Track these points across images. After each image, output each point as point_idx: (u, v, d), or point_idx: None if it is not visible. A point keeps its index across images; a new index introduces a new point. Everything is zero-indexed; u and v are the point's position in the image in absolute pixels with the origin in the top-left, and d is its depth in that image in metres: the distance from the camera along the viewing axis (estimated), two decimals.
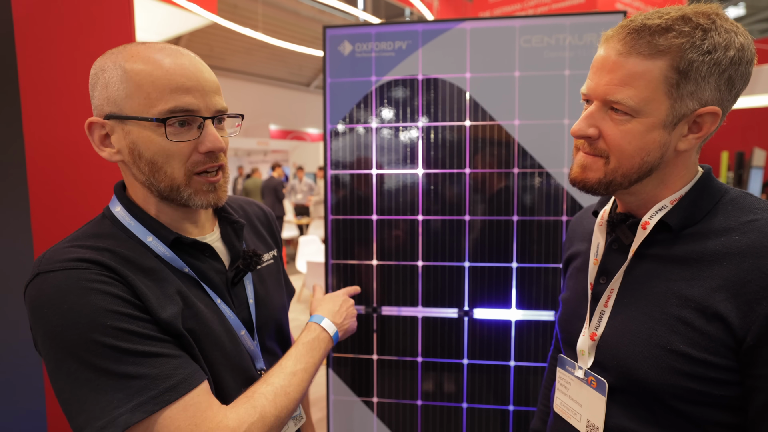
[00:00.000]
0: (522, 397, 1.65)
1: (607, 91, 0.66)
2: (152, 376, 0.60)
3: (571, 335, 0.81)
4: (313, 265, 4.12)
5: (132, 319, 0.62)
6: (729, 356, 0.62)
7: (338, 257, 1.70)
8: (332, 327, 0.89)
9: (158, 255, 0.70)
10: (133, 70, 0.65)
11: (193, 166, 0.69)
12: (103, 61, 0.67)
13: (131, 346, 0.60)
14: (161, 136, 0.65)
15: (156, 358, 0.62)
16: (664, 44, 0.62)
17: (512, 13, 5.16)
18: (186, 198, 0.70)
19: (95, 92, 0.68)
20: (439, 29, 1.60)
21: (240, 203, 0.94)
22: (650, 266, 0.70)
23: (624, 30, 0.65)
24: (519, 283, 1.62)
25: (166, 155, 0.66)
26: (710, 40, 0.62)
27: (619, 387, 0.71)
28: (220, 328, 0.73)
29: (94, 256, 0.63)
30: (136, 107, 0.65)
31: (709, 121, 0.66)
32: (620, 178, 0.69)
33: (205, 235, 0.79)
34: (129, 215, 0.71)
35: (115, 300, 0.61)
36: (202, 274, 0.74)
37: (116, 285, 0.63)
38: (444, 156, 1.63)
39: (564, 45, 1.54)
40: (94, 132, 0.68)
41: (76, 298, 0.59)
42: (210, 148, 0.68)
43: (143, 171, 0.68)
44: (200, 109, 0.67)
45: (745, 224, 0.65)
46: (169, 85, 0.65)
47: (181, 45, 9.17)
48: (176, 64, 0.67)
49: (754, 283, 0.60)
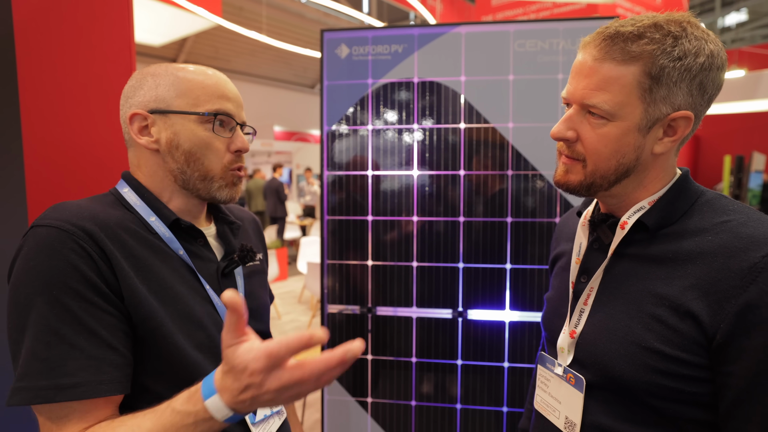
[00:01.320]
0: (516, 399, 1.66)
1: (584, 95, 0.69)
2: (54, 365, 0.61)
3: (553, 333, 0.83)
4: (314, 265, 4.14)
5: (78, 299, 0.64)
6: (701, 353, 0.63)
7: (334, 257, 1.72)
8: (223, 410, 0.56)
9: (158, 235, 0.75)
10: (185, 77, 0.77)
11: (228, 163, 0.80)
12: (153, 68, 0.79)
13: (58, 325, 0.62)
14: (206, 130, 0.77)
15: (72, 349, 0.62)
16: (636, 50, 0.65)
17: (515, 16, 5.17)
18: (215, 189, 0.79)
19: (140, 91, 0.77)
20: (435, 33, 1.62)
21: (232, 210, 0.99)
22: (628, 265, 0.72)
23: (600, 36, 0.68)
24: (513, 284, 1.63)
25: (205, 147, 0.77)
26: (681, 47, 0.64)
27: (597, 384, 0.72)
28: (203, 310, 0.76)
29: (83, 222, 0.67)
30: (185, 105, 0.76)
31: (682, 125, 0.68)
32: (599, 180, 0.72)
33: (202, 229, 0.85)
34: (136, 195, 0.78)
35: (75, 273, 0.64)
36: (195, 259, 0.79)
37: (88, 258, 0.65)
38: (439, 158, 1.65)
39: (557, 49, 1.56)
40: (134, 122, 0.77)
41: (44, 258, 0.64)
42: (239, 147, 0.80)
43: (177, 160, 0.77)
44: (235, 115, 0.80)
45: (718, 225, 0.66)
46: (215, 92, 0.78)
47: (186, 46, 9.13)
48: (220, 79, 0.80)
49: (724, 282, 0.62)
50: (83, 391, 0.62)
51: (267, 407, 0.71)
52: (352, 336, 1.72)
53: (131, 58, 1.26)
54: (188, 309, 0.74)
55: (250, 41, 9.49)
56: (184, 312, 0.73)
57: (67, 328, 0.62)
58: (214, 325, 0.77)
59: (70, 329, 0.63)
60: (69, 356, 0.62)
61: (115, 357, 0.65)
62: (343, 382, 1.75)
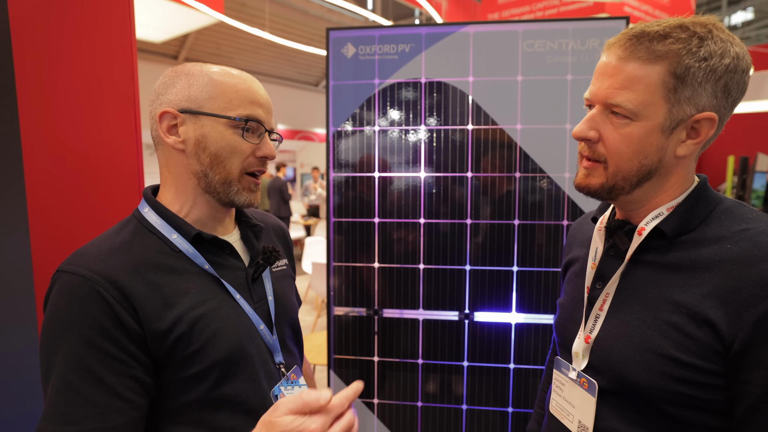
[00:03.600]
0: (521, 399, 1.65)
1: (608, 94, 0.68)
2: (60, 411, 0.64)
3: (567, 339, 0.83)
4: (319, 266, 4.13)
5: (88, 346, 0.65)
6: (717, 361, 0.63)
7: (340, 259, 1.71)
8: None
9: (182, 252, 0.76)
10: (220, 80, 0.77)
11: (248, 166, 0.79)
12: (188, 68, 0.79)
13: (67, 372, 0.65)
14: (234, 134, 0.77)
15: (77, 396, 0.64)
16: (661, 50, 0.65)
17: (521, 14, 5.15)
18: (234, 193, 0.79)
19: (173, 89, 0.77)
20: (443, 32, 1.61)
21: (260, 215, 1.00)
22: (645, 272, 0.72)
23: (625, 37, 0.68)
24: (519, 286, 1.62)
25: (232, 150, 0.77)
26: (706, 48, 0.64)
27: (611, 389, 0.72)
28: (238, 322, 0.77)
29: (107, 270, 0.69)
30: (217, 108, 0.76)
31: (706, 126, 0.68)
32: (621, 182, 0.71)
33: (227, 235, 0.86)
34: (156, 215, 0.78)
35: (89, 320, 0.66)
36: (222, 270, 0.79)
37: (105, 305, 0.67)
38: (446, 159, 1.64)
39: (566, 50, 1.54)
40: (164, 120, 0.77)
41: (64, 305, 0.67)
42: (266, 154, 0.80)
43: (202, 162, 0.77)
44: (265, 122, 0.80)
45: (737, 233, 0.66)
46: (248, 97, 0.78)
47: (188, 43, 9.11)
48: (254, 85, 0.80)
49: (743, 291, 0.61)
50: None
51: None
52: (358, 338, 1.71)
53: (132, 55, 1.24)
54: (219, 324, 0.75)
55: (253, 38, 9.47)
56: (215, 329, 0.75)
57: (74, 375, 0.65)
58: (248, 336, 0.78)
59: (77, 376, 0.65)
60: (74, 403, 0.64)
61: (121, 403, 0.66)
62: (349, 384, 1.74)
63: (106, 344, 0.66)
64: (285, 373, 0.84)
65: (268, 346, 0.82)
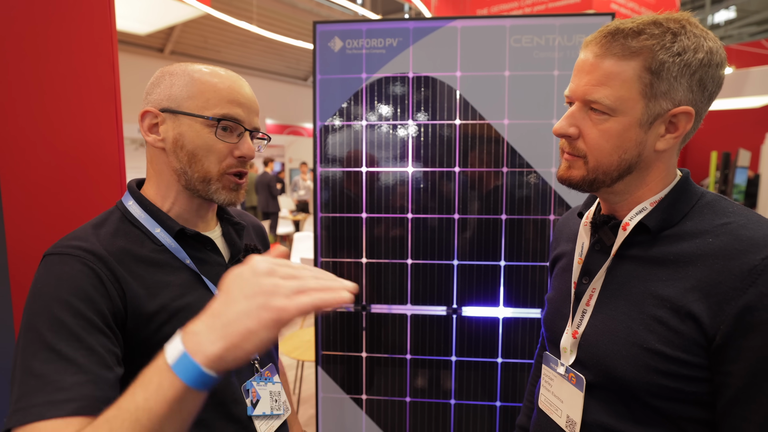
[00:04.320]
0: (509, 394, 1.66)
1: (586, 91, 0.69)
2: (47, 381, 0.59)
3: (555, 334, 0.84)
4: (307, 261, 4.12)
5: (79, 318, 0.64)
6: (700, 354, 0.64)
7: (327, 255, 1.71)
8: (190, 365, 0.48)
9: (164, 246, 0.78)
10: (200, 79, 0.78)
11: (226, 167, 0.80)
12: (172, 68, 0.80)
13: (56, 342, 0.61)
14: (210, 133, 0.77)
15: (67, 363, 0.60)
16: (636, 46, 0.66)
17: (509, 10, 5.15)
18: (213, 191, 0.79)
19: (157, 89, 0.79)
20: (430, 27, 1.60)
21: (237, 214, 1.00)
22: (630, 267, 0.73)
23: (600, 34, 0.69)
24: (507, 281, 1.63)
25: (208, 149, 0.77)
26: (680, 43, 0.65)
27: (598, 384, 0.73)
28: None
29: (91, 246, 0.70)
30: (194, 107, 0.77)
31: (684, 120, 0.69)
32: (602, 176, 0.72)
33: (209, 231, 0.87)
34: (140, 208, 0.79)
35: (78, 293, 0.65)
36: (203, 265, 0.81)
37: (96, 279, 0.67)
38: (434, 154, 1.64)
39: (553, 45, 1.54)
40: (145, 119, 0.79)
41: (52, 280, 0.66)
42: (244, 154, 0.80)
43: (181, 160, 0.78)
44: (244, 121, 0.80)
45: (719, 227, 0.67)
46: (227, 97, 0.78)
47: (174, 36, 8.97)
48: (236, 83, 0.80)
49: (725, 284, 0.62)
50: (80, 406, 0.59)
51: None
52: (347, 335, 1.71)
53: (113, 46, 1.21)
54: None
55: (240, 31, 9.37)
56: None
57: (63, 344, 0.62)
58: None
59: (66, 345, 0.62)
60: (65, 371, 0.60)
61: (111, 375, 0.64)
62: (337, 380, 1.74)
63: (96, 318, 0.65)
64: (259, 369, 0.86)
65: None
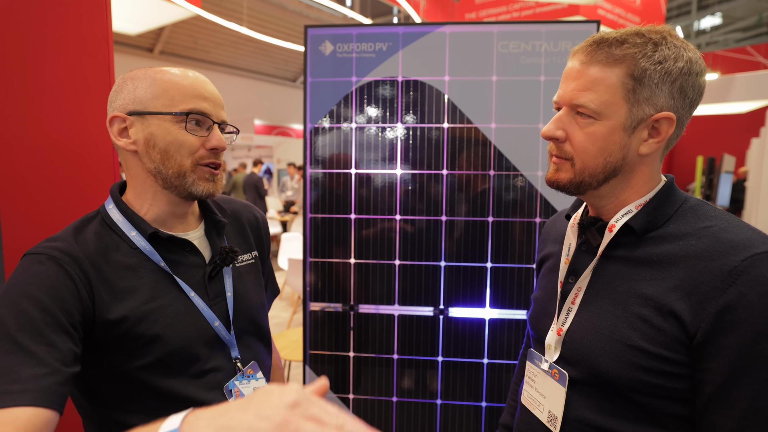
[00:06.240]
0: (495, 394, 1.69)
1: (573, 96, 0.73)
2: (6, 371, 0.61)
3: (540, 332, 0.86)
4: (295, 262, 4.11)
5: (46, 314, 0.66)
6: (682, 351, 0.67)
7: (316, 255, 1.72)
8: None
9: (139, 249, 0.79)
10: (162, 78, 0.79)
11: (199, 159, 0.81)
12: (133, 73, 0.81)
13: (19, 335, 0.64)
14: (180, 129, 0.79)
15: (27, 356, 0.63)
16: (619, 54, 0.70)
17: (498, 15, 5.21)
18: (190, 184, 0.80)
19: (121, 94, 0.80)
20: (420, 32, 1.63)
21: (236, 207, 1.00)
22: (615, 267, 0.76)
23: (586, 44, 0.74)
24: (493, 282, 1.66)
25: (179, 145, 0.79)
26: (661, 52, 0.69)
27: (582, 380, 0.76)
28: (188, 319, 0.80)
29: (69, 248, 0.73)
30: (160, 106, 0.78)
31: (666, 125, 0.72)
32: (588, 178, 0.75)
33: (189, 231, 0.87)
34: (118, 212, 0.81)
35: (48, 291, 0.68)
36: (178, 267, 0.82)
37: (68, 279, 0.70)
38: (422, 157, 1.66)
39: (540, 51, 1.58)
40: (114, 125, 0.80)
41: (26, 277, 0.69)
42: (215, 146, 0.81)
43: (154, 159, 0.79)
44: (212, 114, 0.81)
45: (701, 230, 0.70)
46: (191, 92, 0.80)
47: (163, 36, 8.89)
48: (198, 80, 0.82)
49: (706, 284, 0.65)
50: (22, 398, 0.60)
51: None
52: (334, 334, 1.72)
53: (109, 47, 1.22)
54: (168, 321, 0.77)
55: (230, 32, 9.33)
56: (164, 324, 0.77)
57: (24, 337, 0.64)
58: (200, 332, 0.81)
59: (28, 337, 0.64)
60: (25, 363, 0.62)
61: (68, 371, 0.65)
62: None
63: (62, 316, 0.67)
64: (241, 369, 0.86)
65: (225, 342, 0.85)
